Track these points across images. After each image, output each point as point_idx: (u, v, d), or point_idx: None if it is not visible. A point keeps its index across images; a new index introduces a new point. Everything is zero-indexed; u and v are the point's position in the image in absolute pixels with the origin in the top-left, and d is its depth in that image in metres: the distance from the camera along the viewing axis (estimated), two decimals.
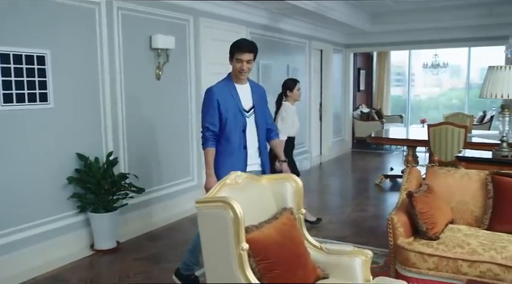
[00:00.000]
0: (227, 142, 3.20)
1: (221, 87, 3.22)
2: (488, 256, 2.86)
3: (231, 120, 3.17)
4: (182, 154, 5.51)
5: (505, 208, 3.25)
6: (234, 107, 3.18)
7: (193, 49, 5.58)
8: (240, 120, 3.19)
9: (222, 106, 3.16)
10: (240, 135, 3.20)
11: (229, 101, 3.17)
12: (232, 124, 3.18)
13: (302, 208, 2.67)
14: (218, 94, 3.18)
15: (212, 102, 3.17)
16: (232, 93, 3.20)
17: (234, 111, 3.17)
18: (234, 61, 3.14)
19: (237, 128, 3.19)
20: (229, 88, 3.21)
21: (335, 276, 2.50)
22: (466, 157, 4.11)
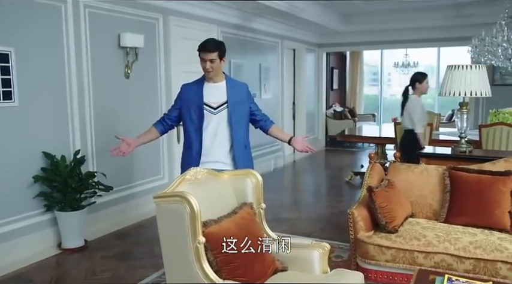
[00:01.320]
0: (185, 137, 3.32)
1: (191, 84, 3.33)
2: (442, 247, 2.98)
3: (189, 116, 3.25)
4: (152, 153, 5.51)
5: (461, 202, 3.37)
6: (196, 103, 3.23)
7: (163, 48, 5.59)
8: (200, 117, 3.22)
9: (183, 102, 3.29)
10: (199, 131, 3.24)
11: (191, 98, 3.25)
12: (189, 121, 3.26)
13: (262, 202, 2.74)
14: (184, 90, 3.32)
15: (177, 96, 3.38)
16: (197, 91, 3.25)
17: (195, 107, 3.23)
18: (200, 60, 3.19)
19: (195, 124, 3.24)
20: (198, 86, 3.26)
21: (294, 268, 2.57)
22: (426, 153, 4.25)
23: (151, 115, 5.43)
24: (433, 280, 2.32)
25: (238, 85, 3.44)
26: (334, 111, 11.60)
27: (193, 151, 3.24)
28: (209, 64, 3.15)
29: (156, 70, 5.52)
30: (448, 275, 2.31)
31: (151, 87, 5.48)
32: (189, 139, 3.28)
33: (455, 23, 8.64)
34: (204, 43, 3.19)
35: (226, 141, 3.29)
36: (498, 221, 3.21)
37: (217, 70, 3.21)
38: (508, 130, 5.38)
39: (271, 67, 8.30)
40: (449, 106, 11.62)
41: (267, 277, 2.42)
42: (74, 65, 4.45)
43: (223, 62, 3.22)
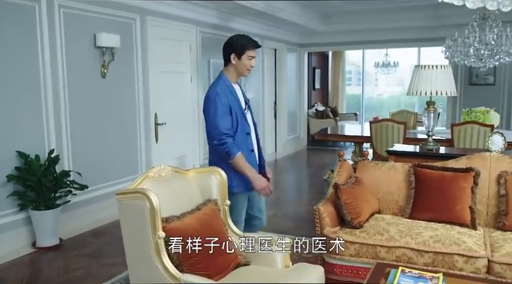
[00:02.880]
0: (237, 147, 2.98)
1: (224, 89, 3.00)
2: (404, 241, 3.07)
3: (239, 124, 3.01)
4: (130, 152, 5.55)
5: (424, 198, 3.48)
6: (239, 110, 3.02)
7: (140, 48, 5.62)
8: (244, 122, 3.04)
9: (232, 109, 2.97)
10: (246, 138, 3.06)
11: (234, 104, 3.00)
12: (240, 128, 3.01)
13: (227, 199, 2.80)
14: (226, 97, 2.97)
15: (224, 106, 2.94)
16: (234, 94, 3.04)
17: (239, 114, 3.02)
18: (243, 58, 3.01)
19: (244, 131, 3.04)
20: (230, 90, 3.03)
21: (257, 263, 2.64)
22: (395, 151, 4.35)
23: (129, 114, 5.50)
24: (388, 272, 2.41)
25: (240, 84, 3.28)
26: (316, 111, 11.71)
27: (249, 160, 3.03)
28: (254, 61, 3.07)
29: (133, 70, 5.56)
30: (402, 268, 2.40)
31: (129, 87, 5.51)
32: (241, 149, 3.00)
33: (433, 24, 8.79)
34: (252, 39, 3.06)
35: (256, 143, 3.20)
36: (459, 217, 3.31)
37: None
38: (479, 129, 5.51)
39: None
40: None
41: (228, 271, 2.49)
42: (49, 64, 4.47)
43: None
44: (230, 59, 3.03)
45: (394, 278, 2.28)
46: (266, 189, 3.04)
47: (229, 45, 3.05)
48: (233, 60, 3.02)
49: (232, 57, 3.01)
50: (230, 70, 3.07)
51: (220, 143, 2.92)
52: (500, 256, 2.85)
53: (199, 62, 6.78)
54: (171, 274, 2.18)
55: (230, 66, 3.06)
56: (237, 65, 3.02)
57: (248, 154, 3.03)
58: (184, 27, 6.45)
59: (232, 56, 3.01)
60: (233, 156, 2.91)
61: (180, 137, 6.51)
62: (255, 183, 2.99)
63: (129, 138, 5.54)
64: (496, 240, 3.06)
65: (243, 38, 3.06)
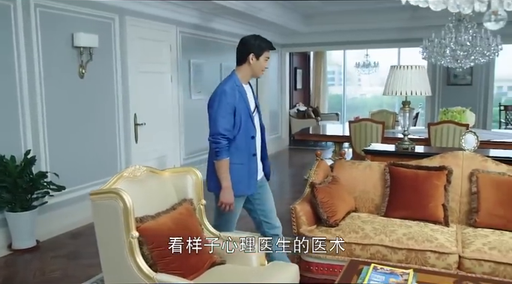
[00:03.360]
0: (237, 150, 2.91)
1: (233, 88, 2.90)
2: (378, 239, 3.12)
3: (243, 127, 2.90)
4: (109, 153, 5.52)
5: (399, 196, 3.53)
6: (246, 111, 2.92)
7: (119, 48, 5.59)
8: (250, 125, 2.95)
9: (237, 110, 2.88)
10: (250, 141, 2.96)
11: (241, 104, 2.91)
12: (244, 130, 2.91)
13: (202, 199, 2.82)
14: (233, 96, 2.87)
15: (228, 105, 2.85)
16: (243, 95, 2.94)
17: (246, 115, 2.92)
18: (261, 59, 2.96)
19: (248, 134, 2.95)
20: (240, 90, 2.94)
21: (232, 261, 2.66)
22: (371, 150, 4.41)
23: (107, 114, 5.47)
24: (361, 269, 2.45)
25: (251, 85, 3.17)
26: (298, 111, 11.77)
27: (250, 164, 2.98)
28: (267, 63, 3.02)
29: (112, 70, 5.52)
30: (374, 265, 2.44)
31: (108, 87, 5.47)
32: (242, 151, 2.94)
33: (411, 25, 8.91)
34: (268, 41, 3.00)
35: (259, 146, 3.10)
36: (432, 214, 3.38)
37: None
38: (455, 128, 5.61)
39: (233, 67, 8.33)
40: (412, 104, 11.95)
41: (203, 270, 2.51)
42: (25, 64, 4.42)
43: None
44: (247, 58, 2.94)
45: (366, 275, 2.32)
46: (228, 206, 2.92)
47: (247, 45, 2.96)
48: (251, 60, 2.94)
49: (251, 57, 2.93)
50: (244, 70, 2.99)
51: (213, 141, 2.88)
52: (471, 252, 2.91)
53: (179, 62, 6.77)
54: (144, 274, 2.19)
55: (244, 66, 2.98)
56: (254, 65, 2.96)
57: (250, 158, 2.96)
58: (164, 27, 6.44)
59: (251, 56, 2.93)
60: (219, 158, 2.86)
61: (160, 137, 6.49)
62: (222, 193, 2.90)
63: (108, 139, 5.50)
64: (467, 237, 3.14)
65: (261, 39, 2.99)
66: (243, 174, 2.95)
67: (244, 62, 2.98)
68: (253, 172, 3.00)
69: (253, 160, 2.99)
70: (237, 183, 2.92)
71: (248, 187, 3.02)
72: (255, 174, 3.03)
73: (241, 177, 2.95)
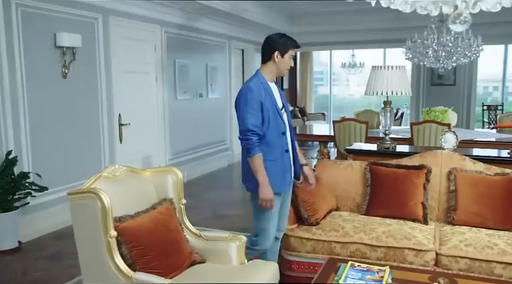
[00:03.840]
0: (268, 147, 2.87)
1: (258, 86, 2.88)
2: (358, 237, 3.17)
3: (272, 122, 2.87)
4: (92, 153, 5.50)
5: (379, 195, 3.58)
6: (273, 107, 2.90)
7: (103, 47, 5.57)
8: (279, 121, 2.92)
9: (264, 106, 2.84)
10: (281, 137, 2.93)
11: (268, 101, 2.88)
12: (273, 127, 2.88)
13: (183, 198, 2.83)
14: (258, 93, 2.85)
15: (254, 101, 2.82)
16: (269, 92, 2.92)
17: (274, 111, 2.89)
18: (286, 57, 2.95)
19: (278, 130, 2.91)
20: (265, 87, 2.91)
21: (212, 260, 2.69)
22: (353, 149, 4.46)
23: (91, 114, 5.45)
24: (338, 267, 2.48)
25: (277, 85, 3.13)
26: None
27: (283, 160, 2.94)
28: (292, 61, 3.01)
29: (95, 70, 5.50)
30: (352, 262, 2.48)
31: (91, 87, 5.45)
32: (274, 148, 2.90)
33: (396, 26, 9.01)
34: (293, 39, 3.00)
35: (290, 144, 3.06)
36: (412, 212, 3.43)
37: None
38: (437, 128, 5.69)
39: (219, 67, 8.39)
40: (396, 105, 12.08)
41: (183, 269, 2.52)
42: (6, 64, 4.39)
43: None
44: (273, 56, 2.93)
45: (343, 272, 2.36)
46: (268, 203, 2.82)
47: (272, 43, 2.96)
48: (276, 57, 2.92)
49: (276, 55, 2.92)
50: (268, 67, 2.96)
51: (243, 138, 2.82)
52: (447, 249, 2.97)
53: (164, 62, 6.76)
54: (123, 273, 2.20)
55: (269, 64, 2.96)
56: (279, 63, 2.94)
57: (282, 154, 2.93)
58: (148, 27, 6.43)
59: (276, 54, 2.92)
60: (252, 155, 2.80)
61: (146, 137, 6.49)
62: (261, 190, 2.80)
63: (91, 139, 5.48)
64: (445, 234, 3.19)
65: (286, 37, 2.99)
66: (277, 170, 2.90)
67: (269, 60, 2.96)
68: (287, 168, 2.97)
69: (286, 157, 2.96)
70: (271, 180, 2.85)
71: (283, 184, 2.97)
72: (289, 170, 3.00)
73: (276, 173, 2.89)
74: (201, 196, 6.38)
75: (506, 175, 3.40)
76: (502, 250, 2.89)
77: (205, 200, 6.20)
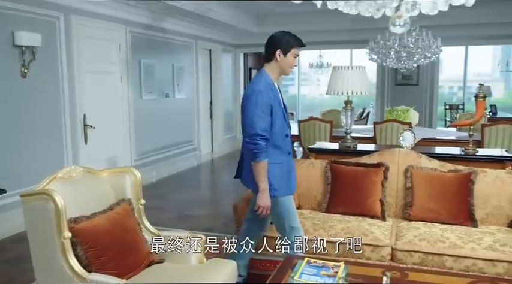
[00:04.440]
0: (276, 150, 2.84)
1: (267, 87, 2.81)
2: (317, 234, 3.23)
3: (279, 125, 2.83)
4: (55, 154, 5.39)
5: (339, 192, 3.66)
6: (280, 109, 2.85)
7: (64, 47, 5.47)
8: (284, 123, 2.89)
9: (274, 109, 2.80)
10: (285, 139, 2.90)
11: (276, 103, 2.83)
12: (280, 129, 2.84)
13: (141, 198, 2.83)
14: (268, 95, 2.78)
15: (265, 105, 2.75)
16: (275, 93, 2.86)
17: (280, 114, 2.85)
18: (289, 55, 2.84)
19: (284, 133, 2.89)
20: (272, 88, 2.84)
21: (171, 260, 2.69)
22: (315, 148, 4.53)
23: (53, 115, 5.34)
24: (295, 263, 2.53)
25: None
26: None
27: (289, 162, 2.94)
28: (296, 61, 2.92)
29: (57, 70, 5.40)
30: (308, 259, 2.53)
31: (53, 87, 5.34)
32: (280, 150, 2.87)
33: (360, 27, 9.15)
34: (298, 37, 2.89)
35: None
36: (370, 209, 3.52)
37: None
38: (398, 127, 5.83)
39: (185, 67, 8.36)
40: (362, 104, 12.32)
41: (141, 269, 2.52)
42: None
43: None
44: (275, 55, 2.82)
45: (299, 269, 2.40)
46: (265, 210, 2.84)
47: (274, 41, 2.84)
48: (278, 56, 2.82)
49: (278, 54, 2.81)
50: (272, 67, 2.87)
51: (251, 142, 2.74)
52: (402, 244, 3.07)
53: (129, 62, 6.69)
54: (77, 274, 2.19)
55: (272, 63, 2.86)
56: (281, 62, 2.84)
57: (287, 157, 2.92)
58: (113, 26, 6.35)
59: (278, 52, 2.81)
60: (258, 161, 2.75)
61: (111, 138, 6.40)
62: (261, 196, 2.80)
63: (53, 140, 5.38)
64: (401, 230, 3.29)
65: (289, 34, 2.87)
66: (284, 173, 2.89)
67: (272, 59, 2.86)
68: (292, 170, 2.98)
69: (290, 159, 2.96)
70: (280, 182, 2.85)
71: (290, 186, 2.97)
72: (294, 172, 3.01)
73: (284, 176, 2.89)
74: (168, 197, 6.35)
75: (459, 172, 3.53)
76: (453, 243, 3.00)
77: (171, 200, 6.18)
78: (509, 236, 3.11)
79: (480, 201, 3.44)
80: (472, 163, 3.90)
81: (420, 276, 2.42)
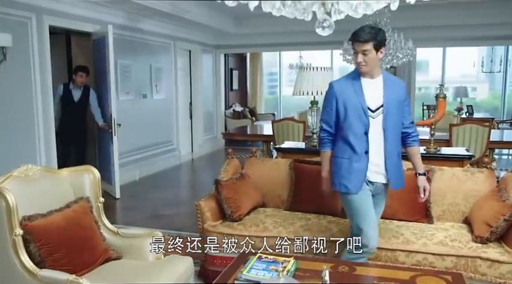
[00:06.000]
0: (344, 145, 2.80)
1: (343, 82, 2.83)
2: (276, 231, 3.31)
3: (351, 120, 2.75)
4: (29, 156, 5.39)
5: (302, 191, 3.74)
6: (357, 105, 2.74)
7: (37, 48, 5.48)
8: (363, 120, 2.74)
9: (341, 104, 2.76)
10: (362, 137, 2.75)
11: (351, 98, 2.75)
12: (352, 125, 2.75)
13: (100, 197, 2.88)
14: (338, 90, 2.79)
15: (330, 99, 2.81)
16: (356, 89, 2.76)
17: (356, 110, 2.74)
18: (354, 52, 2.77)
19: (358, 130, 2.75)
20: (353, 83, 2.77)
21: (129, 257, 2.75)
22: (281, 148, 4.62)
23: (25, 115, 5.35)
24: (248, 259, 2.60)
25: (394, 81, 2.89)
26: (234, 111, 11.92)
27: (360, 161, 2.76)
28: (361, 57, 2.69)
29: (29, 70, 5.40)
30: (260, 254, 2.60)
31: (25, 88, 5.35)
32: (351, 146, 2.77)
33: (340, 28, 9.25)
34: (356, 31, 2.72)
35: (381, 148, 2.79)
36: (331, 207, 3.59)
37: (373, 64, 2.72)
38: None
39: (164, 68, 8.39)
40: None
41: (96, 265, 2.57)
42: None
43: (380, 53, 2.71)
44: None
45: (249, 264, 2.47)
46: (324, 192, 3.03)
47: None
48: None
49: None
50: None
51: (320, 131, 2.96)
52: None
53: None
54: (28, 271, 2.24)
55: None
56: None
57: (356, 155, 2.76)
58: (87, 27, 6.37)
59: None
60: (320, 149, 2.98)
61: None
62: (323, 182, 3.00)
63: (26, 142, 5.38)
64: None
65: (357, 30, 2.73)
66: (345, 169, 2.80)
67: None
68: (358, 170, 2.78)
69: (361, 158, 2.77)
70: (339, 178, 2.83)
71: (347, 185, 2.81)
72: (362, 173, 2.79)
73: (343, 172, 2.81)
74: (143, 196, 6.39)
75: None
76: (407, 239, 3.10)
77: (146, 200, 6.22)
78: (461, 231, 3.21)
79: (437, 198, 3.54)
80: (433, 161, 3.99)
81: (366, 270, 2.51)
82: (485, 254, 2.87)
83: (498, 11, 8.13)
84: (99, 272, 2.53)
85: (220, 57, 10.87)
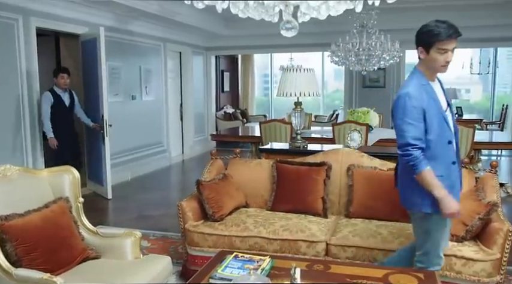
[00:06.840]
0: (434, 161, 2.46)
1: (418, 89, 2.48)
2: (257, 231, 3.34)
3: (437, 131, 2.47)
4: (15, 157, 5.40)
5: (283, 191, 3.78)
6: (438, 114, 2.49)
7: (24, 49, 5.49)
8: (445, 128, 2.51)
9: (427, 113, 2.45)
10: (447, 147, 2.53)
11: (432, 106, 2.47)
12: (439, 137, 2.48)
13: (80, 197, 2.90)
14: (419, 99, 2.45)
15: (415, 110, 2.43)
16: (432, 95, 2.51)
17: (439, 118, 2.49)
18: (432, 52, 2.44)
19: (444, 140, 2.51)
20: (427, 89, 2.50)
21: (109, 256, 2.78)
22: (265, 148, 4.65)
23: (11, 120, 5.36)
24: (225, 258, 2.63)
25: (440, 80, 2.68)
26: (225, 113, 11.95)
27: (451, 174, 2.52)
28: (451, 55, 2.44)
29: (16, 71, 5.42)
30: (236, 253, 2.63)
31: (11, 89, 5.36)
32: (440, 160, 2.50)
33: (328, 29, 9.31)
34: (443, 30, 2.39)
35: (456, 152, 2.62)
36: (312, 207, 3.64)
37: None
38: (355, 127, 5.97)
39: (154, 69, 8.41)
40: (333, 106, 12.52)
41: (74, 264, 2.59)
42: None
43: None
44: (418, 53, 2.52)
45: (225, 263, 2.50)
46: (456, 214, 2.48)
47: (417, 36, 2.50)
48: (421, 54, 2.50)
49: (420, 51, 2.49)
50: (423, 64, 2.53)
51: (403, 154, 2.46)
52: (336, 239, 3.19)
53: None
54: (3, 270, 2.26)
55: (422, 61, 2.53)
56: (427, 60, 2.49)
57: (447, 167, 2.51)
58: (76, 29, 6.38)
59: (420, 50, 2.49)
60: (419, 171, 2.43)
61: None
62: (443, 204, 2.42)
63: (13, 143, 5.39)
64: (340, 226, 3.41)
65: (435, 25, 2.42)
66: (445, 188, 2.46)
67: (420, 57, 2.55)
68: (455, 183, 2.56)
69: (453, 170, 2.55)
70: (428, 196, 2.48)
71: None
72: (458, 186, 2.59)
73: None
74: (131, 197, 6.41)
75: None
76: (384, 238, 3.14)
77: (134, 201, 6.24)
78: None
79: None
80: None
81: (341, 269, 2.54)
82: (460, 252, 2.91)
83: (487, 13, 8.21)
84: (76, 271, 2.55)
85: (211, 58, 10.90)
